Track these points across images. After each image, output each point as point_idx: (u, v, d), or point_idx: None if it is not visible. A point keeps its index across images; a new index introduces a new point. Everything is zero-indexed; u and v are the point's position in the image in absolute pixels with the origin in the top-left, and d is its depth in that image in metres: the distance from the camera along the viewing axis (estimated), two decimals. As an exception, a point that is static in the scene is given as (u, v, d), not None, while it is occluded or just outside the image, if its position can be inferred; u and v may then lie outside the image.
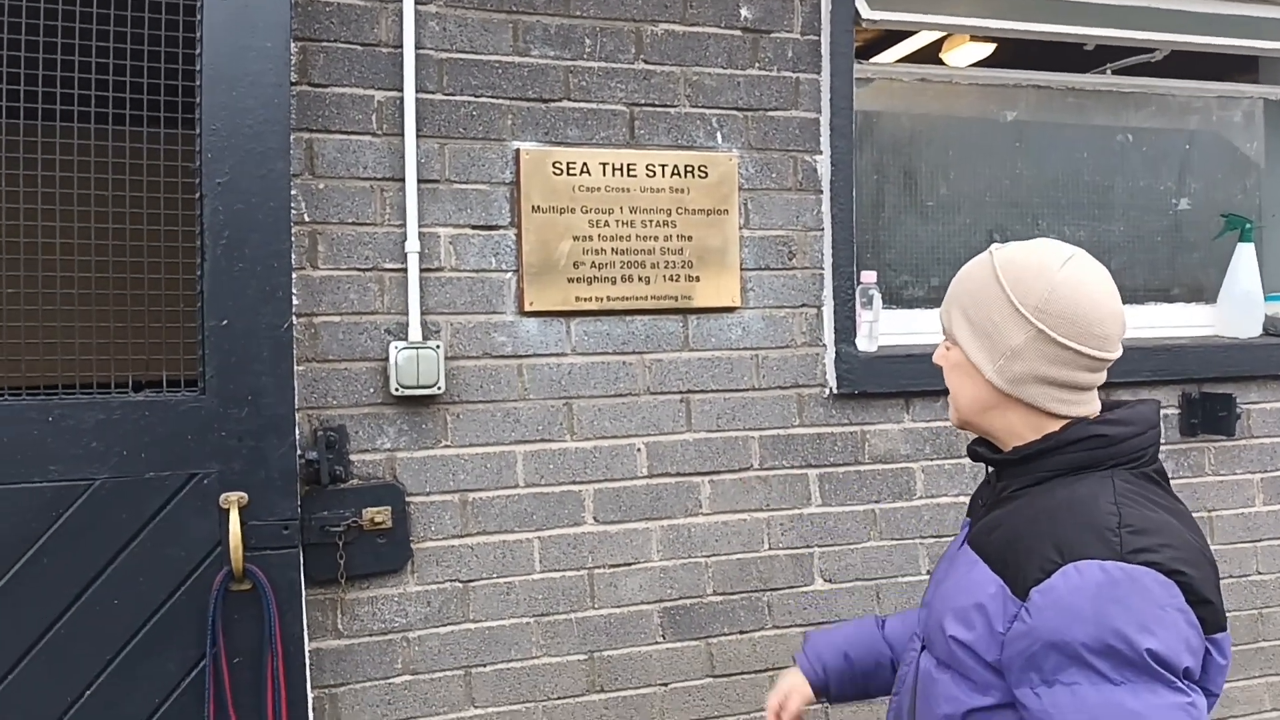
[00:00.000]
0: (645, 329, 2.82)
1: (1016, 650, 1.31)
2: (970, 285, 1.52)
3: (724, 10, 2.90)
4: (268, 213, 2.36)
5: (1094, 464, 1.41)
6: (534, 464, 2.72)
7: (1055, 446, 1.43)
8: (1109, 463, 1.41)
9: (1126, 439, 1.42)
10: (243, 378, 2.33)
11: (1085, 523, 1.33)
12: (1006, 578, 1.36)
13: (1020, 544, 1.37)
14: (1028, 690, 1.30)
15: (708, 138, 2.88)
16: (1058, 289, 1.41)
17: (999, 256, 1.49)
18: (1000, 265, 1.47)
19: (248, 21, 2.35)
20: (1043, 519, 1.37)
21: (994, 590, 1.37)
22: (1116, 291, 1.46)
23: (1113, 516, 1.33)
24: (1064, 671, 1.26)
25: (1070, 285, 1.41)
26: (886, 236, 3.27)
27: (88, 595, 2.22)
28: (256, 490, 2.33)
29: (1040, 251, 1.47)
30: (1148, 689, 1.23)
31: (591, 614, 2.77)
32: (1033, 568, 1.32)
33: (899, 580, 3.07)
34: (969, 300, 1.51)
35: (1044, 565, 1.31)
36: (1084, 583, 1.27)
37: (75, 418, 2.22)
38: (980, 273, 1.50)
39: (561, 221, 2.73)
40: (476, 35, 2.68)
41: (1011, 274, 1.45)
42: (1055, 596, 1.28)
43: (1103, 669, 1.24)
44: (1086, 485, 1.39)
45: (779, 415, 2.95)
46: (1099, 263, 1.47)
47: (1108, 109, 3.57)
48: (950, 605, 1.44)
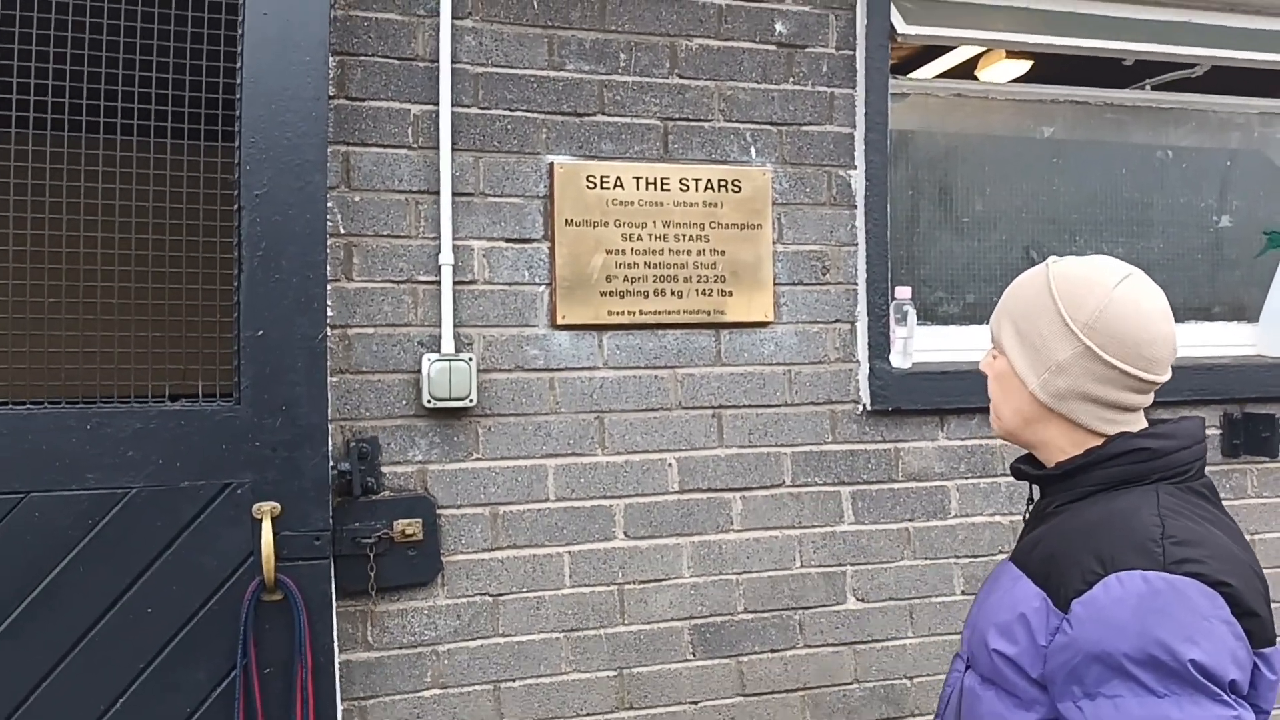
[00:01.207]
0: (677, 343, 2.81)
1: (1059, 663, 1.29)
2: (1023, 295, 1.50)
3: (758, 25, 2.90)
4: (304, 225, 2.37)
5: (1137, 478, 1.39)
6: (565, 478, 2.71)
7: (1097, 461, 1.41)
8: (1153, 477, 1.39)
9: (1171, 453, 1.39)
10: (277, 388, 2.34)
11: (1127, 534, 1.31)
12: (1049, 590, 1.34)
13: (1062, 557, 1.35)
14: (1070, 704, 1.28)
15: (741, 152, 2.88)
16: (1110, 307, 1.39)
17: (1055, 269, 1.47)
18: (1055, 278, 1.46)
19: (287, 37, 2.37)
20: (1085, 532, 1.35)
21: (1037, 604, 1.35)
22: (1170, 314, 1.43)
23: (1156, 528, 1.31)
24: (1107, 684, 1.24)
25: (1122, 304, 1.40)
26: (921, 252, 3.25)
27: (122, 603, 2.24)
28: (289, 501, 2.34)
29: (1097, 267, 1.45)
30: (1192, 701, 1.20)
31: (621, 630, 2.76)
32: (1074, 579, 1.30)
33: (933, 600, 3.03)
34: (1020, 310, 1.49)
35: (1085, 576, 1.29)
36: (1126, 593, 1.25)
37: (113, 426, 2.24)
38: (1034, 284, 1.49)
39: (594, 235, 2.73)
40: (512, 50, 2.69)
41: (1065, 288, 1.44)
42: (1097, 608, 1.26)
43: (1146, 681, 1.22)
44: (1130, 499, 1.37)
45: (812, 431, 2.93)
46: (1155, 284, 1.45)
47: (1147, 125, 3.53)
48: (993, 620, 1.42)
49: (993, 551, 3.07)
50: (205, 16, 2.33)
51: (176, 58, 2.31)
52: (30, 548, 2.18)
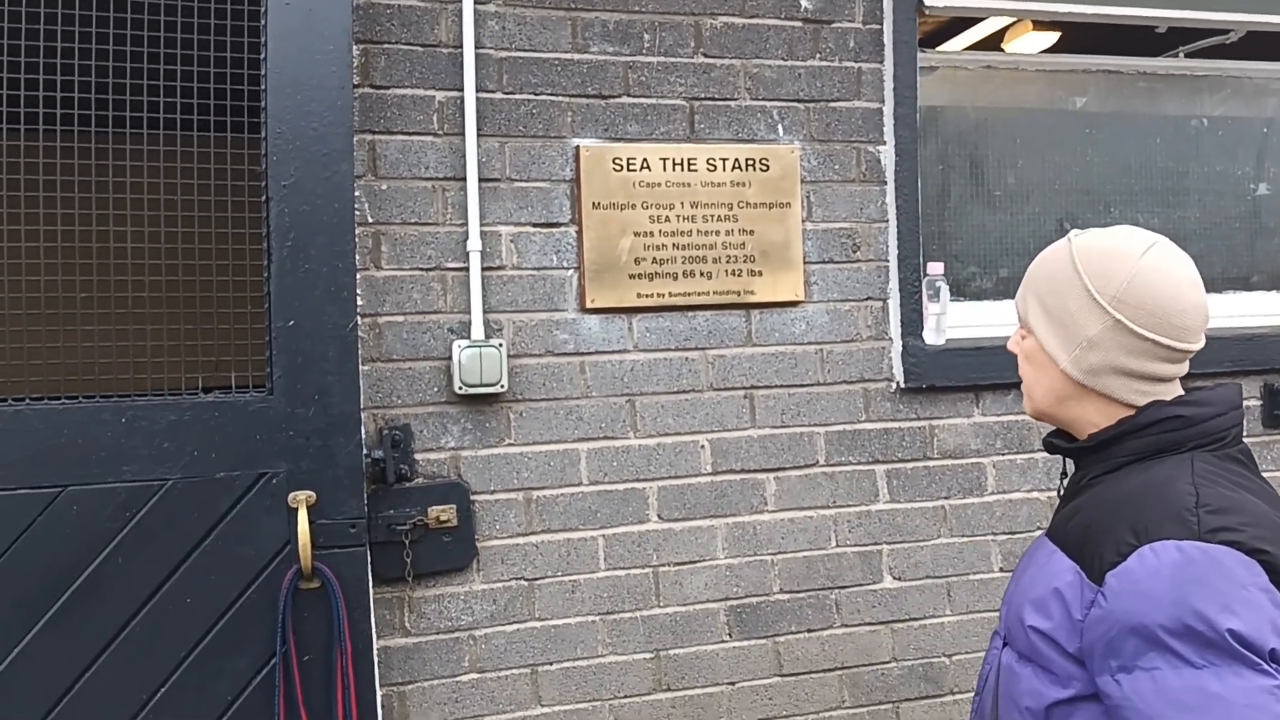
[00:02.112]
0: (707, 325, 2.80)
1: (1095, 636, 1.27)
2: (1047, 271, 1.47)
3: (784, 1, 2.87)
4: (332, 214, 2.38)
5: (1172, 446, 1.36)
6: (597, 461, 2.71)
7: (1131, 430, 1.39)
8: (1188, 445, 1.36)
9: (1206, 420, 1.37)
10: (309, 378, 2.35)
11: (1161, 504, 1.29)
12: (1083, 563, 1.32)
13: (1096, 529, 1.33)
14: (1108, 678, 1.26)
15: (769, 130, 2.85)
16: (1137, 277, 1.37)
17: (1078, 243, 1.44)
18: (1078, 252, 1.43)
19: (311, 27, 2.37)
20: (1118, 503, 1.33)
21: (1071, 578, 1.33)
22: (1199, 281, 1.40)
23: (1190, 497, 1.28)
24: (1143, 656, 1.22)
25: (1150, 274, 1.37)
26: (953, 227, 3.21)
27: (161, 594, 2.26)
28: (324, 489, 2.35)
29: (1121, 238, 1.42)
30: (1232, 671, 1.18)
31: (657, 612, 2.76)
32: (1108, 551, 1.28)
33: (970, 578, 3.01)
34: (1045, 287, 1.46)
35: (1119, 548, 1.27)
36: (1160, 564, 1.23)
37: (148, 419, 2.26)
38: (1058, 259, 1.46)
39: (622, 218, 2.72)
40: (535, 33, 2.68)
41: (1090, 261, 1.41)
42: (1131, 579, 1.24)
43: (1183, 652, 1.19)
44: (1164, 468, 1.35)
45: (845, 410, 2.91)
46: (1182, 251, 1.42)
47: (1181, 93, 3.47)
48: (1029, 596, 1.41)
49: (1030, 528, 3.05)
50: (228, 8, 2.34)
51: (201, 50, 2.31)
52: (70, 540, 2.21)
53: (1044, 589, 1.37)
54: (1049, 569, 1.39)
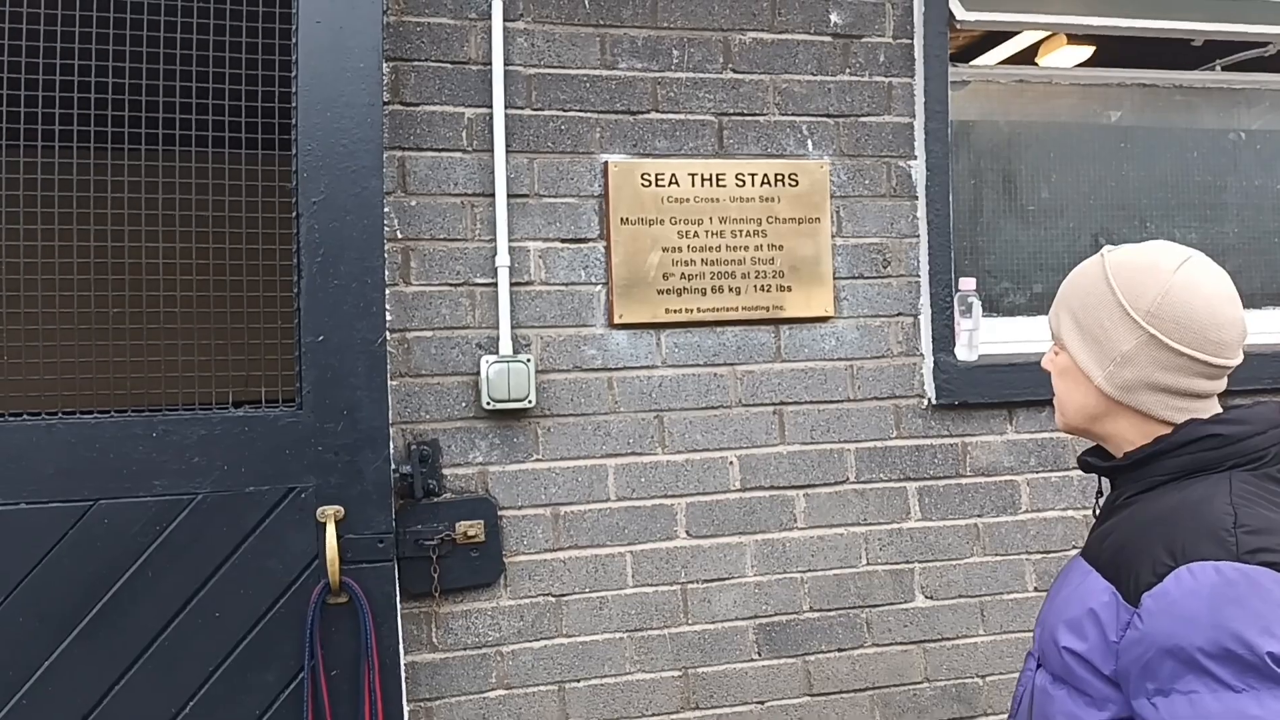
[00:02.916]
0: (736, 340, 2.79)
1: (1131, 659, 1.25)
2: (1080, 287, 1.46)
3: (813, 16, 2.86)
4: (362, 230, 2.39)
5: (1209, 465, 1.34)
6: (625, 477, 2.70)
7: (1168, 449, 1.36)
8: (1226, 464, 1.33)
9: (1244, 438, 1.34)
10: (338, 393, 2.36)
11: (1199, 524, 1.26)
12: (1119, 584, 1.30)
13: (1131, 549, 1.31)
14: (1144, 701, 1.23)
15: (798, 145, 2.84)
16: (1171, 292, 1.34)
17: (1111, 258, 1.43)
18: (1112, 267, 1.41)
19: (341, 44, 2.39)
20: (1155, 523, 1.31)
21: (1106, 598, 1.31)
22: (1236, 296, 1.38)
23: (1228, 516, 1.26)
24: (1181, 679, 1.19)
25: (1185, 288, 1.34)
26: (985, 242, 3.18)
27: (190, 607, 2.27)
28: (352, 504, 2.36)
29: (1154, 253, 1.40)
30: (1272, 695, 1.15)
31: (685, 630, 2.74)
32: (1144, 572, 1.26)
33: (1004, 597, 2.97)
34: (1078, 303, 1.45)
35: (1156, 569, 1.25)
36: (1198, 585, 1.20)
37: (178, 433, 2.28)
38: (1091, 274, 1.44)
39: (650, 233, 2.72)
40: (564, 50, 2.69)
41: (1123, 276, 1.39)
42: (1168, 601, 1.22)
43: (1222, 675, 1.17)
44: (1201, 487, 1.32)
45: (875, 427, 2.89)
46: (1218, 266, 1.40)
47: (1218, 107, 3.42)
48: (1063, 616, 1.38)
49: (1065, 547, 3.00)
50: (260, 26, 2.36)
51: (233, 68, 2.34)
52: (100, 554, 2.22)
53: (1079, 610, 1.35)
54: (1084, 589, 1.37)
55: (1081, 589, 1.37)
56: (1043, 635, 1.46)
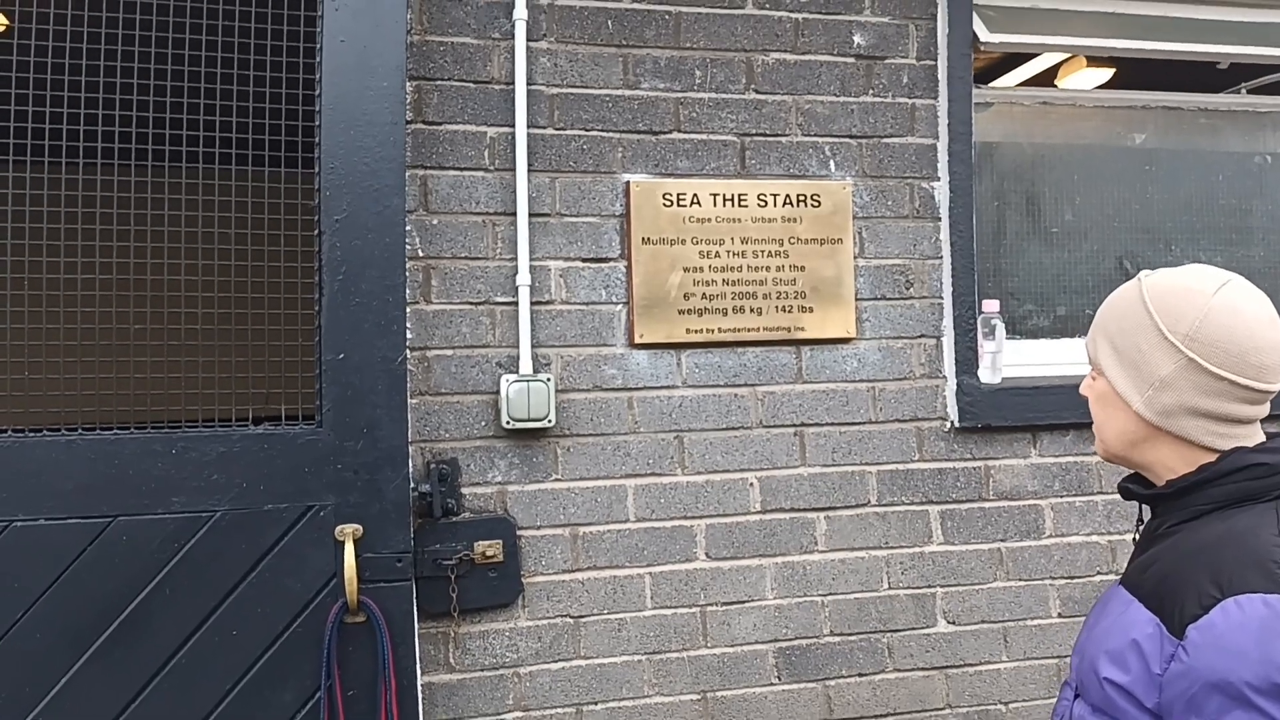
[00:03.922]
0: (757, 361, 2.77)
1: (1175, 692, 1.22)
2: (1117, 312, 1.44)
3: (836, 38, 2.86)
4: (383, 248, 2.39)
5: (1255, 495, 1.31)
6: (645, 498, 2.68)
7: (1212, 478, 1.34)
8: (1272, 494, 1.31)
9: None
10: (358, 411, 2.35)
11: (1245, 555, 1.24)
12: (1162, 615, 1.27)
13: (1176, 580, 1.28)
14: None
15: (820, 166, 2.83)
16: (1210, 316, 1.32)
17: (1148, 282, 1.41)
18: (1149, 290, 1.39)
19: (365, 64, 2.40)
20: (1199, 553, 1.28)
21: (1150, 629, 1.28)
22: (1277, 319, 1.35)
23: (1276, 548, 1.23)
24: (1227, 715, 1.17)
25: (1224, 312, 1.32)
26: (1009, 264, 3.16)
27: (208, 625, 2.26)
28: (371, 522, 2.35)
29: (1192, 277, 1.38)
30: None
31: (704, 653, 2.71)
32: (1190, 604, 1.23)
33: (1028, 623, 2.93)
34: (1115, 328, 1.43)
35: (1202, 600, 1.22)
36: (1246, 618, 1.18)
37: (198, 450, 2.27)
38: (1127, 299, 1.42)
39: (672, 253, 2.71)
40: (587, 70, 2.69)
41: (1160, 300, 1.37)
42: (1215, 634, 1.19)
43: (1271, 711, 1.14)
44: (1246, 517, 1.30)
45: (897, 449, 2.86)
46: (1258, 289, 1.38)
47: (1244, 129, 3.40)
48: (1104, 647, 1.35)
49: (1090, 572, 2.96)
50: (284, 45, 2.37)
51: (256, 86, 2.35)
52: (119, 570, 2.22)
53: (1121, 640, 1.32)
54: (1126, 619, 1.34)
55: (1123, 619, 1.34)
56: (1081, 665, 1.43)
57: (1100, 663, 1.34)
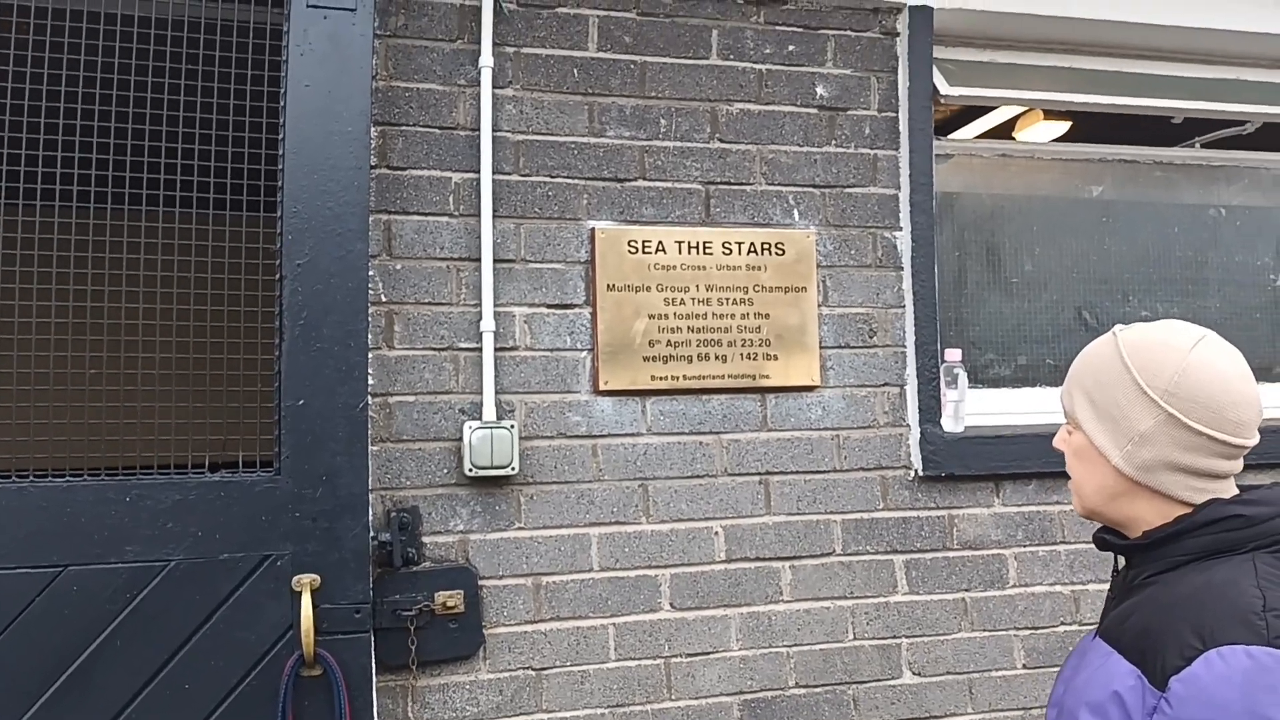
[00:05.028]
0: (722, 408, 2.76)
1: None
2: (1093, 366, 1.44)
3: (799, 89, 2.89)
4: (346, 293, 2.36)
5: (1232, 546, 1.31)
6: (609, 547, 2.65)
7: (1189, 529, 1.34)
8: (1248, 545, 1.31)
9: (1267, 519, 1.32)
10: (318, 458, 2.31)
11: (1226, 607, 1.23)
12: (1144, 667, 1.27)
13: (1157, 632, 1.28)
14: None
15: (784, 215, 2.85)
16: (1188, 371, 1.33)
17: (1124, 337, 1.42)
18: (1126, 345, 1.40)
19: (329, 109, 2.38)
20: (1179, 605, 1.28)
21: (1132, 682, 1.27)
22: (1251, 375, 1.37)
23: (1257, 600, 1.23)
24: None
25: (1202, 367, 1.34)
26: (970, 314, 3.19)
27: (160, 678, 2.19)
28: (329, 572, 2.30)
29: (1169, 332, 1.40)
30: None
31: (668, 705, 2.67)
32: (1172, 655, 1.23)
33: (992, 674, 2.91)
34: (1092, 382, 1.43)
35: (1184, 652, 1.22)
36: (1230, 670, 1.17)
37: (152, 498, 2.22)
38: (1104, 353, 1.43)
39: (637, 300, 2.70)
40: (553, 117, 2.69)
41: (1138, 355, 1.38)
42: (1199, 686, 1.19)
43: None
44: (1225, 569, 1.30)
45: (862, 498, 2.85)
46: (1231, 345, 1.39)
47: (1198, 183, 3.47)
48: (1084, 699, 1.34)
49: (1054, 623, 2.96)
50: (248, 89, 2.36)
51: (219, 130, 2.33)
52: (68, 621, 2.15)
53: (1102, 693, 1.32)
54: (1106, 671, 1.33)
55: (1103, 671, 1.34)
56: (1060, 718, 1.42)
57: (1081, 715, 1.33)
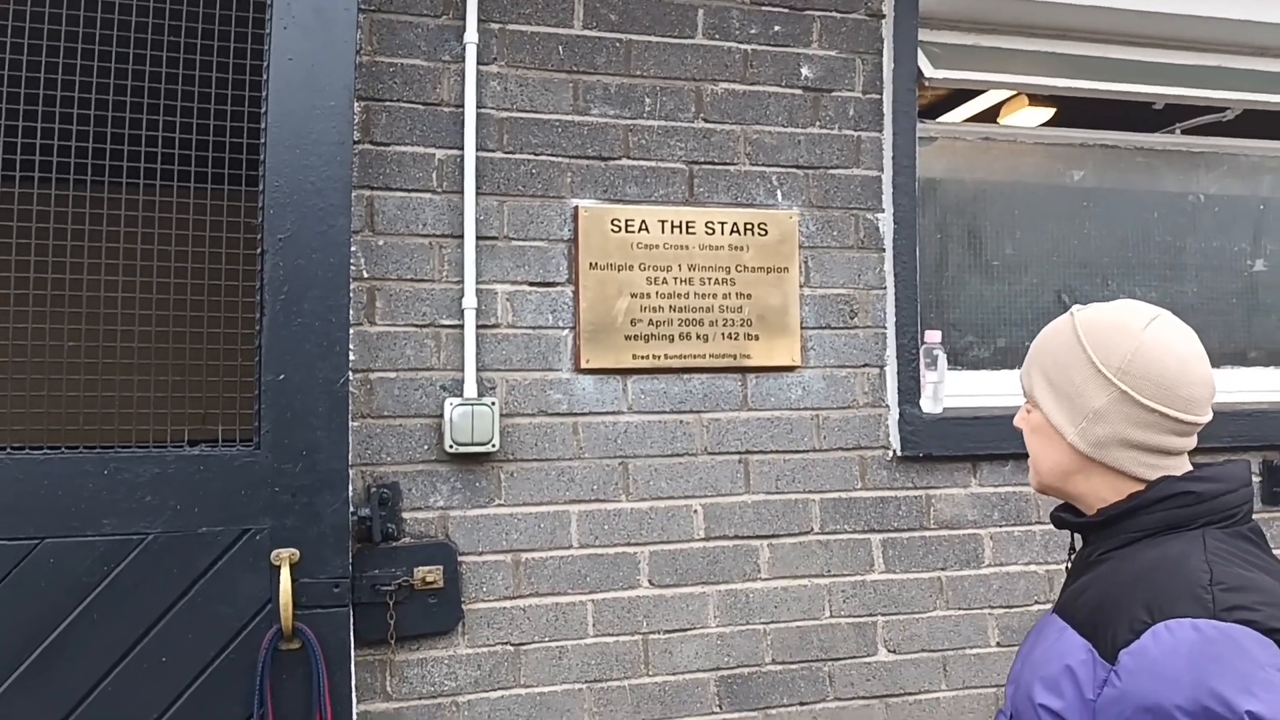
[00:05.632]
0: (703, 388, 2.78)
1: (1109, 717, 1.23)
2: (1051, 346, 1.47)
3: (784, 70, 2.88)
4: (327, 269, 2.36)
5: (1183, 523, 1.34)
6: (588, 524, 2.67)
7: (1142, 506, 1.37)
8: (1199, 521, 1.34)
9: (1218, 495, 1.35)
10: (298, 433, 2.31)
11: (1175, 581, 1.26)
12: (1096, 642, 1.29)
13: (1108, 606, 1.30)
14: None
15: (768, 195, 2.85)
16: (1141, 350, 1.36)
17: (1081, 317, 1.45)
18: (1082, 325, 1.43)
19: (313, 83, 2.37)
20: (1131, 580, 1.31)
21: (1083, 655, 1.30)
22: (1204, 353, 1.40)
23: (1204, 574, 1.26)
24: None
25: (1155, 346, 1.36)
26: (951, 296, 3.21)
27: (137, 651, 2.20)
28: (308, 547, 2.30)
29: (1124, 312, 1.42)
30: None
31: (645, 681, 2.69)
32: (1121, 629, 1.25)
33: (967, 652, 2.95)
34: (1050, 361, 1.46)
35: (1133, 626, 1.24)
36: (1176, 643, 1.20)
37: (130, 471, 2.22)
38: (1061, 333, 1.46)
39: (619, 279, 2.71)
40: (537, 95, 2.69)
41: (1093, 334, 1.41)
42: (1147, 659, 1.21)
43: None
44: (1176, 544, 1.32)
45: (840, 478, 2.87)
46: (1185, 324, 1.42)
47: (1178, 169, 3.49)
48: (1039, 674, 1.37)
49: (1028, 602, 2.99)
50: (230, 62, 2.34)
51: (201, 103, 2.31)
52: (45, 594, 2.15)
53: (1055, 667, 1.34)
54: (1060, 646, 1.36)
55: (1058, 646, 1.36)
56: (1016, 693, 1.44)
57: (1035, 689, 1.36)
